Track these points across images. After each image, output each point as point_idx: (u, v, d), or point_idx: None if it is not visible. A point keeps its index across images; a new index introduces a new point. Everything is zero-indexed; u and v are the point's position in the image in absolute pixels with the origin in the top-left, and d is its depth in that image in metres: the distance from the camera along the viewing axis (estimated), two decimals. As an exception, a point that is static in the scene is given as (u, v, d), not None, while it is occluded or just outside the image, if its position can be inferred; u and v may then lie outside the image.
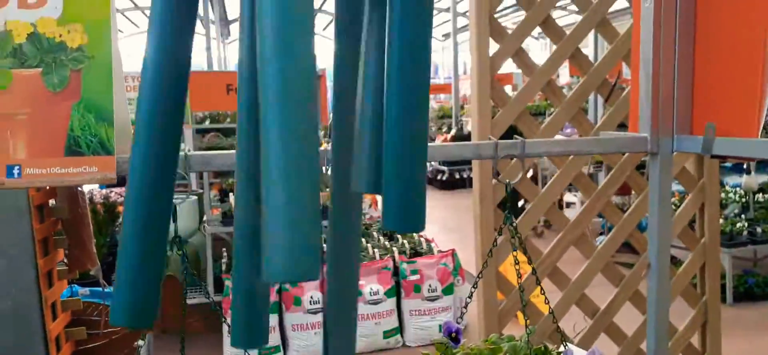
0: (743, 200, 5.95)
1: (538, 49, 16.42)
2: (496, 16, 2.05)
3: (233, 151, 1.12)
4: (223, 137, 6.92)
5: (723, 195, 5.92)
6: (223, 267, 5.52)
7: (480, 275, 1.32)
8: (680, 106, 1.32)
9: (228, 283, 5.07)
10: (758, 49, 1.16)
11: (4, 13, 0.99)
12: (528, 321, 1.33)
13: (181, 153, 1.14)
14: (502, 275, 2.10)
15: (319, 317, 4.96)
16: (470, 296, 1.31)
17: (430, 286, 5.42)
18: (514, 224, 1.24)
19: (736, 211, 5.77)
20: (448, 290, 5.51)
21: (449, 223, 8.65)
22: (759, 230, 5.16)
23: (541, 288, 1.40)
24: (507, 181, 1.22)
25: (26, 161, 0.99)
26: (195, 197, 5.94)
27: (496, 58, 2.03)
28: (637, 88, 1.40)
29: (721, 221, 5.15)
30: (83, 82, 1.00)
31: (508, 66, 2.49)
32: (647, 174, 2.54)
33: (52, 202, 2.43)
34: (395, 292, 5.40)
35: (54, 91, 0.99)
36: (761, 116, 1.15)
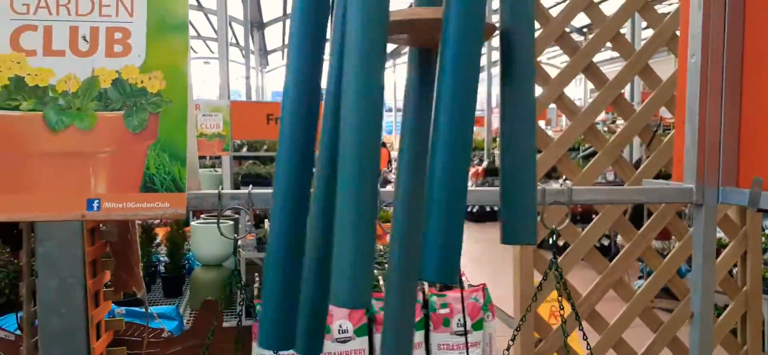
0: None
1: (573, 84, 16.36)
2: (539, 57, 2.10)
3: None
4: (261, 165, 7.07)
5: (764, 240, 5.78)
6: (255, 292, 5.60)
7: (523, 319, 1.34)
8: (726, 158, 1.34)
9: (260, 307, 5.14)
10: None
11: (92, 60, 1.08)
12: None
13: (246, 191, 1.20)
14: (538, 314, 2.11)
15: (347, 346, 5.01)
16: (513, 339, 1.34)
17: (459, 320, 5.40)
18: (560, 270, 1.27)
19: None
20: (478, 326, 5.47)
21: (481, 256, 8.61)
22: (801, 277, 5.02)
23: (583, 333, 1.42)
24: (553, 226, 1.25)
25: (105, 196, 1.07)
26: (231, 222, 6.04)
27: (539, 103, 2.07)
28: (682, 135, 1.43)
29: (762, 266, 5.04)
30: (160, 125, 1.08)
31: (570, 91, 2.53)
32: (688, 221, 2.53)
33: (102, 226, 2.54)
34: (424, 324, 5.40)
35: (134, 132, 1.07)
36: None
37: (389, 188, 1.30)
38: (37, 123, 1.06)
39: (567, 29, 2.12)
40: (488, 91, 14.30)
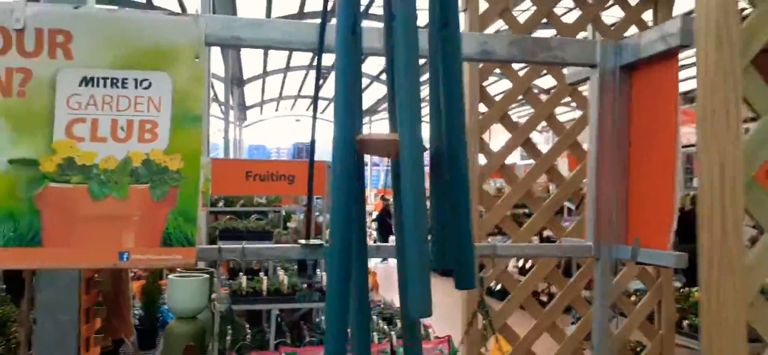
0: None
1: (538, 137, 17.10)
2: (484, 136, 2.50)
3: (275, 245, 1.51)
4: (238, 219, 7.34)
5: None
6: (228, 344, 5.80)
7: (462, 341, 1.68)
8: (617, 222, 1.72)
9: (247, 355, 5.33)
10: (668, 182, 1.58)
11: (127, 145, 1.41)
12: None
13: (239, 246, 1.53)
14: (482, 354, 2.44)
15: None
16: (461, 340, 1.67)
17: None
18: (487, 313, 1.62)
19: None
20: (443, 375, 5.73)
21: (447, 310, 8.91)
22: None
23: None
24: (481, 276, 1.61)
25: (133, 249, 1.39)
26: (207, 276, 6.27)
27: (484, 171, 2.45)
28: (587, 205, 1.81)
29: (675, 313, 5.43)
30: (178, 195, 1.41)
31: (513, 157, 2.90)
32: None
33: (96, 276, 2.81)
34: (393, 374, 5.64)
35: (157, 201, 1.40)
36: (670, 234, 1.54)
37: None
38: (83, 193, 1.39)
39: (509, 111, 2.53)
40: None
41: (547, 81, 2.64)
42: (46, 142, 1.40)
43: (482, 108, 2.44)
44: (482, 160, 2.47)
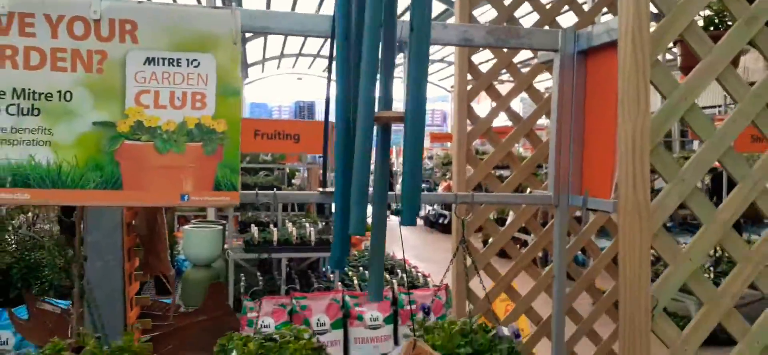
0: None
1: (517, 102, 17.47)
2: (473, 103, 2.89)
3: (297, 192, 1.93)
4: (247, 174, 7.78)
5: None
6: (242, 289, 6.29)
7: (450, 263, 2.11)
8: (573, 177, 2.13)
9: (246, 303, 5.82)
10: (611, 145, 1.97)
11: (183, 112, 1.81)
12: (473, 311, 2.11)
13: (271, 192, 1.94)
14: (471, 290, 2.88)
15: (378, 333, 5.81)
16: (442, 280, 2.11)
17: (423, 314, 6.14)
18: (466, 248, 2.04)
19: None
20: (442, 319, 6.22)
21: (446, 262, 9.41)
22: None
23: (489, 301, 2.18)
24: (462, 217, 2.02)
25: (191, 192, 1.80)
26: (220, 228, 6.74)
27: (470, 135, 2.85)
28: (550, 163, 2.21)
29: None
30: (224, 151, 1.82)
31: (501, 119, 3.30)
32: (581, 223, 3.32)
33: (133, 222, 3.24)
34: (393, 319, 6.14)
35: (208, 156, 1.81)
36: (612, 186, 1.95)
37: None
38: (151, 149, 1.80)
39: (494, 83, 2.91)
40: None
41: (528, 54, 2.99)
42: (120, 108, 1.80)
43: (470, 78, 2.82)
44: (470, 126, 2.87)
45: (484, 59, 3.01)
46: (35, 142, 1.75)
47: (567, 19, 2.82)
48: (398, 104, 1.70)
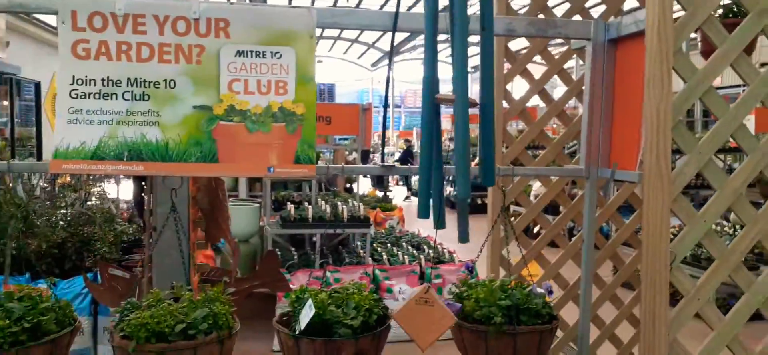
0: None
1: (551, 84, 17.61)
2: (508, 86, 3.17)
3: (368, 166, 2.26)
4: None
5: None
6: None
7: (484, 243, 2.41)
8: (603, 150, 2.41)
9: (286, 275, 6.18)
10: (637, 123, 2.25)
11: (268, 97, 2.13)
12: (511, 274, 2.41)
13: (340, 166, 2.26)
14: (504, 256, 3.18)
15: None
16: (480, 251, 2.40)
17: (450, 289, 6.45)
18: (507, 216, 2.33)
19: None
20: (469, 290, 6.53)
21: (472, 245, 9.72)
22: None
23: (526, 266, 2.48)
24: (502, 187, 2.32)
25: (276, 165, 2.12)
26: (257, 204, 7.11)
27: (506, 115, 3.14)
28: (582, 140, 2.50)
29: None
30: (303, 131, 2.14)
31: (534, 100, 3.59)
32: (605, 196, 3.59)
33: (197, 196, 3.57)
34: (422, 292, 6.45)
35: (290, 134, 2.13)
36: (637, 159, 2.23)
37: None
38: (242, 129, 2.12)
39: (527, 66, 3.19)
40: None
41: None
42: (216, 94, 2.12)
43: (507, 65, 3.11)
44: (505, 105, 3.15)
45: (520, 46, 3.27)
46: (146, 123, 2.08)
47: (596, 10, 3.08)
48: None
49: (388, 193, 12.87)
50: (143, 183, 4.58)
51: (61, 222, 6.33)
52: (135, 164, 2.07)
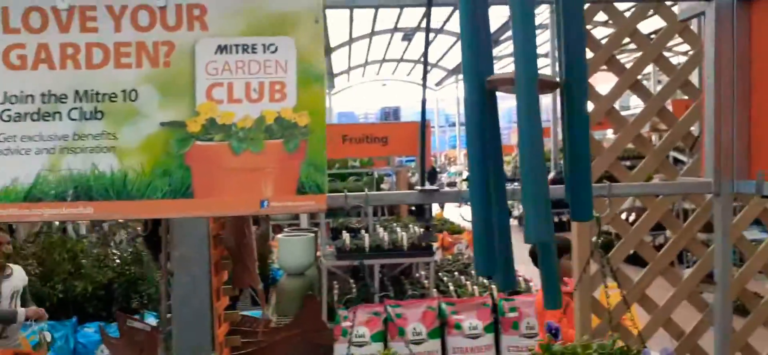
0: None
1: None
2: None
3: (393, 191, 1.62)
4: (337, 180, 7.63)
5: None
6: (335, 297, 6.10)
7: (575, 288, 1.72)
8: (739, 156, 1.68)
9: (340, 312, 5.62)
10: (796, 115, 1.52)
11: (261, 105, 1.55)
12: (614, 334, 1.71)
13: (364, 194, 1.65)
14: (596, 299, 2.46)
15: (478, 342, 5.49)
16: (571, 295, 1.72)
17: (528, 323, 5.68)
18: (603, 253, 1.65)
19: None
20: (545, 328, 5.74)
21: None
22: None
23: (628, 310, 1.78)
24: (597, 214, 1.63)
25: (272, 197, 1.54)
26: (312, 235, 6.60)
27: (591, 117, 2.43)
28: (705, 141, 1.77)
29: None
30: (308, 148, 1.54)
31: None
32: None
33: (221, 234, 3.06)
34: (493, 328, 5.71)
35: (290, 153, 1.54)
36: (799, 166, 1.50)
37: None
38: (225, 149, 1.55)
39: (614, 53, 2.48)
40: (553, 102, 14.41)
41: (654, 23, 2.56)
42: (191, 105, 1.56)
43: (588, 53, 2.41)
44: (589, 106, 2.45)
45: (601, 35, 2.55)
46: (98, 149, 1.54)
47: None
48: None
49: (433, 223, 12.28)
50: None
51: (110, 262, 6.05)
52: (82, 205, 1.53)
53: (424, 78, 1.78)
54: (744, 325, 2.45)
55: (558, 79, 1.22)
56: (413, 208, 9.83)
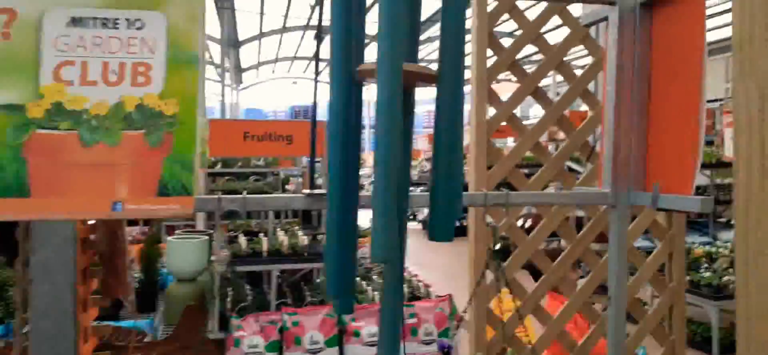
0: (733, 254, 6.21)
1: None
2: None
3: (278, 195, 1.44)
4: (236, 180, 7.25)
5: (714, 249, 6.20)
6: (229, 305, 5.77)
7: (469, 302, 1.61)
8: (635, 168, 1.65)
9: (233, 320, 5.31)
10: (691, 124, 1.49)
11: (120, 89, 1.32)
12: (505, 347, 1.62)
13: (240, 196, 1.45)
14: (491, 310, 2.39)
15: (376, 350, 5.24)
16: (457, 327, 1.61)
17: (426, 329, 5.63)
18: (499, 263, 1.55)
19: (725, 265, 6.01)
20: (444, 334, 5.73)
21: (450, 270, 8.90)
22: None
23: (523, 325, 1.70)
24: (493, 224, 1.53)
25: (127, 199, 1.31)
26: (206, 238, 6.22)
27: (492, 123, 2.36)
28: (603, 152, 1.73)
29: (709, 273, 5.42)
30: (174, 142, 1.33)
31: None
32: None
33: (91, 236, 2.74)
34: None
35: (152, 147, 1.32)
36: (693, 178, 1.47)
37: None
38: (73, 140, 1.30)
39: (520, 60, 2.43)
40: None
41: (560, 33, 2.58)
42: (33, 86, 1.31)
43: (490, 56, 2.34)
44: (491, 111, 2.39)
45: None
46: None
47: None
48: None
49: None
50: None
51: None
52: None
53: (316, 74, 1.61)
54: (634, 334, 2.47)
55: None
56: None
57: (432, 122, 1.17)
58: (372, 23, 1.14)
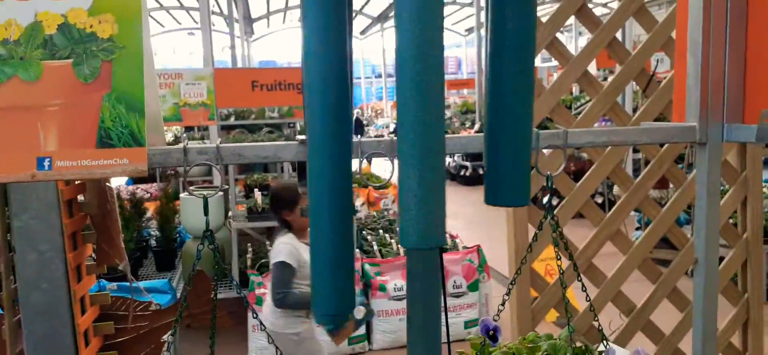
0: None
1: (564, 41, 16.32)
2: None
3: (262, 143, 1.08)
4: (248, 133, 6.92)
5: (765, 190, 5.73)
6: (248, 262, 5.54)
7: (518, 272, 1.26)
8: (731, 93, 1.25)
9: (253, 278, 5.08)
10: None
11: (34, 4, 0.97)
12: (569, 319, 1.27)
13: (213, 145, 1.11)
14: (535, 271, 2.04)
15: (404, 304, 5.00)
16: (508, 293, 1.26)
17: (455, 282, 5.35)
18: (556, 219, 1.19)
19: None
20: (473, 287, 5.45)
21: (474, 218, 8.57)
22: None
23: (582, 285, 1.35)
24: (548, 173, 1.17)
25: (57, 153, 0.97)
26: (221, 193, 5.95)
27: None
28: (683, 76, 1.33)
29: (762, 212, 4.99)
30: (114, 73, 0.98)
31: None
32: (687, 166, 2.44)
33: (80, 197, 2.45)
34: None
35: (85, 82, 0.97)
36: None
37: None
38: (-23, 76, 0.96)
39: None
40: (478, 52, 14.15)
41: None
42: None
43: None
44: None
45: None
46: None
47: None
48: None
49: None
50: None
51: None
52: None
53: None
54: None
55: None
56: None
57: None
58: None
